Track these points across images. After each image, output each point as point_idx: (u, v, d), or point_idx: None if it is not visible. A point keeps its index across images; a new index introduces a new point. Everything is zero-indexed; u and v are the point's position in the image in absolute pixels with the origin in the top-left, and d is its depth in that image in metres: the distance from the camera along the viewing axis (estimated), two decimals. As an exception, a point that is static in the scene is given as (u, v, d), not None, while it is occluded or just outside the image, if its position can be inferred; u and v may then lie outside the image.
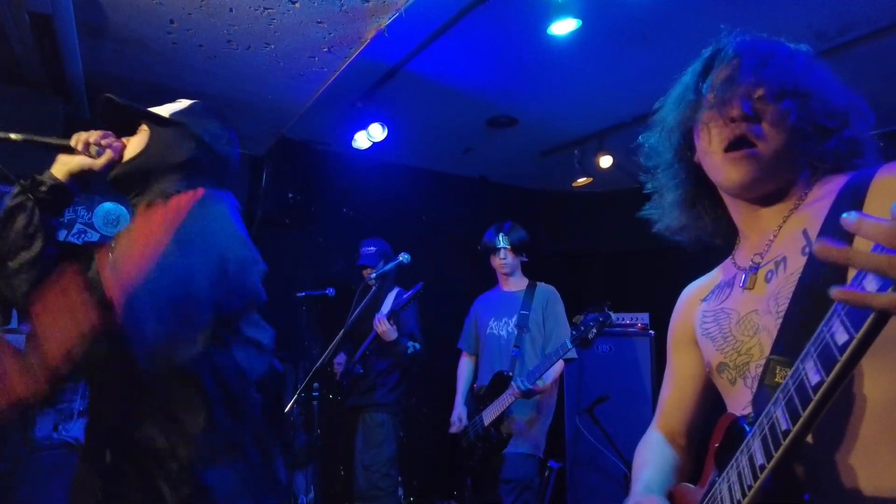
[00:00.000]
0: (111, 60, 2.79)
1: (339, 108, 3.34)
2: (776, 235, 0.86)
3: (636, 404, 3.62)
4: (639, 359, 3.68)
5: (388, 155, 4.16)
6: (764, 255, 0.87)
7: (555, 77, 3.03)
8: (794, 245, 0.81)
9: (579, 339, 2.53)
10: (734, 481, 0.71)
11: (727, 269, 0.97)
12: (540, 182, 4.97)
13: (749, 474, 0.67)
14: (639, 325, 3.74)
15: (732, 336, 0.87)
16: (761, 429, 0.66)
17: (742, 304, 0.88)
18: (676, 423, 1.08)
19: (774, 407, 0.63)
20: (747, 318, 0.86)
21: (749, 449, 0.68)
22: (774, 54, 0.85)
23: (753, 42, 0.89)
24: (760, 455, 0.65)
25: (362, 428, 3.10)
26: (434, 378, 3.77)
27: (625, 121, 3.55)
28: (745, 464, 0.68)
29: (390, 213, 4.33)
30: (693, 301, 1.03)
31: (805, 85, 0.82)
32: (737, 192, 0.88)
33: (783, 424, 0.61)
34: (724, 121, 0.84)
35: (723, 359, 0.88)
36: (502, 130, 3.74)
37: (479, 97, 3.27)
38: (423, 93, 3.20)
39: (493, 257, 3.07)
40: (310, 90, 3.06)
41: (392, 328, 2.95)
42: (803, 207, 0.84)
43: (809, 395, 0.57)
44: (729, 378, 0.87)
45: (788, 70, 0.83)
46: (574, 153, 3.98)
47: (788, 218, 0.85)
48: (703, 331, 0.95)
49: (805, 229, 0.81)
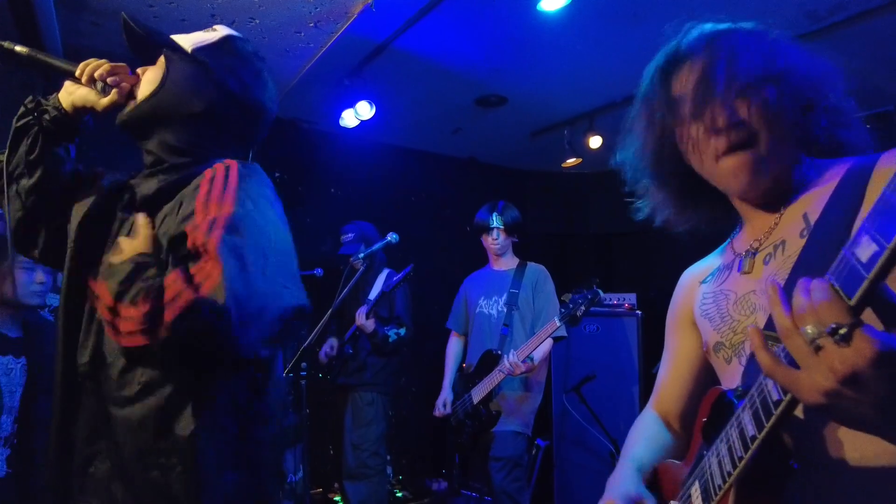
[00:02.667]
0: (90, 33, 2.71)
1: (326, 86, 3.29)
2: (777, 222, 0.86)
3: (623, 383, 3.66)
4: (626, 338, 3.71)
5: (376, 135, 4.11)
6: (763, 241, 0.87)
7: (545, 55, 3.00)
8: (793, 229, 0.82)
9: (568, 317, 2.55)
10: (724, 454, 0.71)
11: (726, 252, 0.98)
12: (529, 163, 4.95)
13: (739, 446, 0.67)
14: (626, 305, 3.76)
15: (730, 316, 0.88)
16: (752, 401, 0.66)
17: (740, 286, 0.88)
18: (672, 404, 1.09)
19: (766, 379, 0.64)
20: (745, 298, 0.86)
21: (739, 421, 0.69)
22: (738, 44, 0.82)
23: (710, 36, 0.86)
24: (751, 427, 0.65)
25: (352, 407, 3.11)
26: (423, 358, 3.79)
27: (615, 100, 3.53)
28: (736, 436, 0.69)
29: (378, 193, 4.29)
30: (693, 283, 1.03)
31: (777, 67, 0.80)
32: (740, 195, 0.88)
33: (774, 395, 0.61)
34: (712, 132, 0.82)
35: (719, 338, 0.89)
36: (492, 110, 3.71)
37: (469, 75, 3.23)
38: (412, 71, 3.16)
39: (485, 237, 3.07)
40: (296, 66, 3.00)
41: (370, 322, 2.95)
42: (805, 193, 0.84)
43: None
44: (725, 357, 0.88)
45: (756, 56, 0.81)
46: (564, 133, 3.96)
47: (790, 204, 0.85)
48: (701, 311, 0.96)
49: (805, 213, 0.81)
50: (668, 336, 1.11)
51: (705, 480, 0.77)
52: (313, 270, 3.34)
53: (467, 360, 3.07)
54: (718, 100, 0.80)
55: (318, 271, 3.35)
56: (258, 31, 2.67)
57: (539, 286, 2.97)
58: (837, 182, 0.78)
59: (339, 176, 4.23)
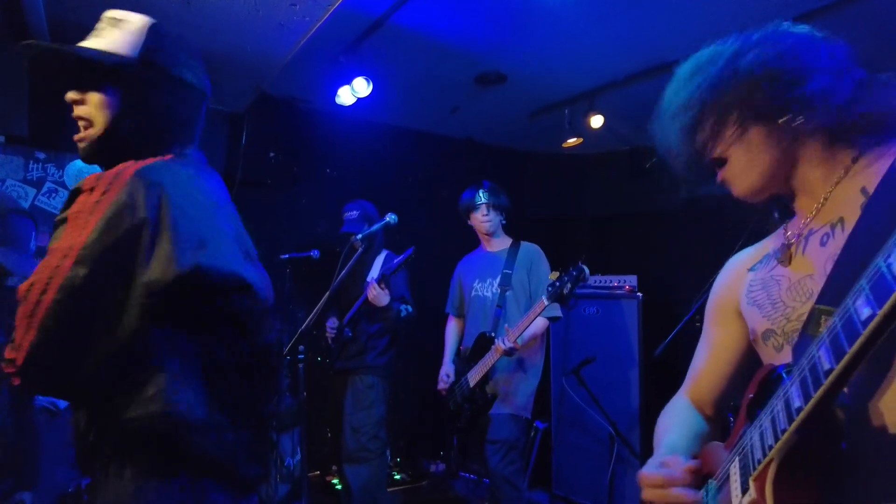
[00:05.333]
0: (76, 6, 2.61)
1: (321, 63, 3.20)
2: (825, 201, 0.83)
3: (622, 366, 3.64)
4: (626, 321, 3.69)
5: (373, 114, 4.03)
6: (811, 224, 0.84)
7: (546, 31, 2.92)
8: (852, 204, 0.77)
9: (555, 295, 2.51)
10: (766, 427, 0.68)
11: (778, 237, 0.94)
12: (528, 144, 4.89)
13: (784, 418, 0.64)
14: (626, 288, 3.73)
15: (782, 302, 0.84)
16: (800, 371, 0.62)
17: (793, 271, 0.84)
18: (706, 392, 1.05)
19: (817, 348, 0.59)
20: (800, 283, 0.82)
21: (785, 394, 0.65)
22: (713, 72, 0.86)
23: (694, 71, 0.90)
24: (798, 398, 0.61)
25: (351, 390, 3.08)
26: (420, 342, 3.76)
27: (617, 79, 3.46)
28: (781, 408, 0.65)
29: (375, 173, 4.23)
30: (740, 271, 0.99)
31: (757, 72, 0.82)
32: (749, 199, 0.90)
33: (826, 364, 0.57)
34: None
35: (770, 325, 0.85)
36: (491, 88, 3.64)
37: (468, 52, 3.15)
38: (410, 47, 3.08)
39: (473, 215, 3.02)
40: (291, 41, 2.91)
41: (384, 292, 2.89)
42: (858, 171, 0.81)
43: (858, 329, 0.53)
44: (775, 345, 0.84)
45: (732, 78, 0.84)
46: (564, 113, 3.89)
47: (840, 183, 0.82)
48: (749, 300, 0.92)
49: (864, 186, 0.77)
50: (707, 323, 1.07)
51: (745, 455, 0.73)
52: (309, 252, 3.29)
53: (464, 344, 3.05)
54: (698, 147, 0.89)
55: (314, 253, 3.31)
56: (252, 4, 2.58)
57: (534, 266, 2.94)
58: (894, 157, 0.75)
59: (334, 156, 4.16)
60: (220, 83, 3.35)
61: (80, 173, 2.97)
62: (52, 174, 2.89)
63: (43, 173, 2.87)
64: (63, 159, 2.92)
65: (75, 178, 2.96)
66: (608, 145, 4.71)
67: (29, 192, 2.83)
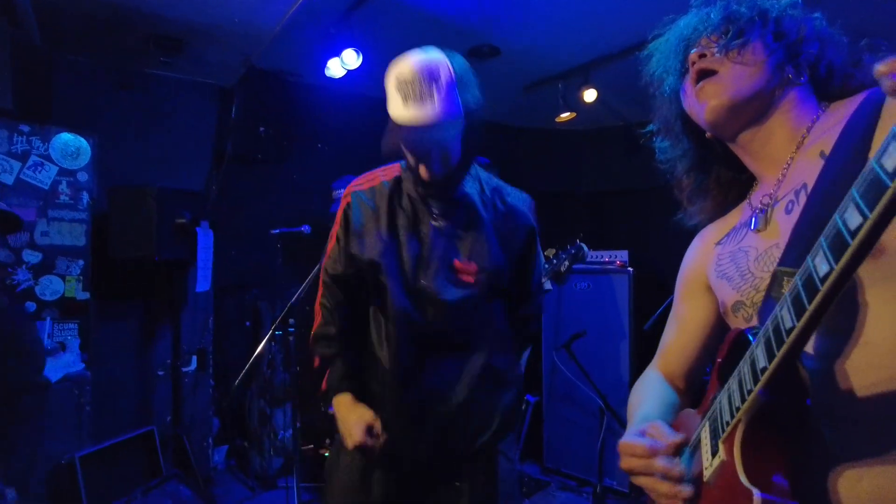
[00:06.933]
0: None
1: (311, 35, 3.14)
2: (787, 169, 0.84)
3: (613, 340, 3.67)
4: (616, 296, 3.71)
5: (364, 88, 3.97)
6: (776, 192, 0.85)
7: (539, 3, 2.87)
8: (814, 170, 0.77)
9: (553, 273, 2.53)
10: (734, 389, 0.69)
11: (744, 210, 0.94)
12: (522, 119, 4.85)
13: (750, 379, 0.64)
14: (618, 263, 3.74)
15: (750, 273, 0.84)
16: (765, 333, 0.63)
17: (760, 242, 0.85)
18: (676, 366, 1.07)
19: (780, 308, 0.60)
20: (767, 252, 0.82)
21: (752, 355, 0.66)
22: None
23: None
24: (763, 358, 0.62)
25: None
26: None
27: (612, 52, 3.42)
28: (747, 370, 0.66)
29: (367, 148, 4.11)
30: (707, 245, 0.99)
31: (751, 11, 0.87)
32: (719, 121, 0.87)
33: (788, 322, 0.58)
34: (691, 71, 0.90)
35: (739, 297, 0.85)
36: (484, 61, 3.59)
37: (460, 24, 3.10)
38: (401, 19, 3.02)
39: None
40: (280, 11, 2.85)
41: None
42: (815, 135, 0.82)
43: (817, 285, 0.53)
44: (745, 316, 0.84)
45: (731, 6, 0.89)
46: (558, 87, 3.86)
47: (800, 148, 0.83)
48: (718, 273, 0.92)
49: (822, 150, 0.78)
50: (677, 299, 1.08)
51: (714, 419, 0.74)
52: (300, 227, 3.28)
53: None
54: (693, 46, 0.91)
55: (305, 228, 3.29)
56: (238, -27, 2.52)
57: None
58: (849, 116, 0.75)
59: (325, 131, 4.11)
60: (209, 56, 3.29)
61: (66, 146, 2.93)
62: (37, 147, 2.84)
63: (28, 146, 2.82)
64: (48, 132, 2.87)
65: (61, 152, 2.91)
66: (602, 121, 4.68)
67: (14, 166, 2.79)
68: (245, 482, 3.63)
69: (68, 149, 2.95)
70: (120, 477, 2.81)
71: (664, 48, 0.99)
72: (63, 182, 2.94)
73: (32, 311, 2.80)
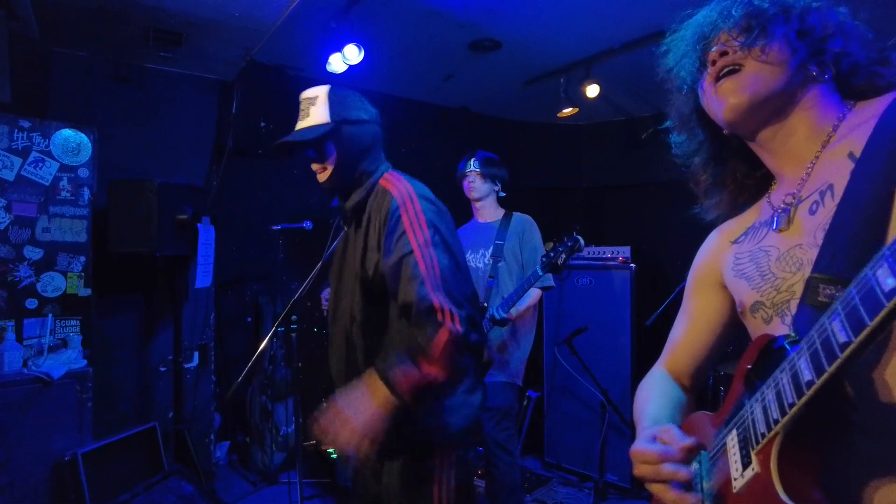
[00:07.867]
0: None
1: (312, 29, 3.12)
2: (812, 168, 0.82)
3: (614, 336, 3.67)
4: (618, 291, 3.70)
5: (365, 82, 3.96)
6: (799, 192, 0.83)
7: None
8: (841, 171, 0.75)
9: (549, 265, 2.54)
10: (770, 400, 0.66)
11: (763, 208, 0.92)
12: (523, 113, 4.83)
13: (791, 391, 0.62)
14: (620, 259, 3.73)
15: (772, 273, 0.82)
16: (810, 344, 0.60)
17: (783, 241, 0.83)
18: (684, 364, 1.06)
19: (829, 320, 0.57)
20: (790, 253, 0.80)
21: (792, 366, 0.63)
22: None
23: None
24: (808, 372, 0.59)
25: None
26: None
27: (613, 47, 3.40)
28: (787, 382, 0.63)
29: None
30: (722, 243, 0.98)
31: (774, 7, 0.85)
32: (738, 119, 0.85)
33: (841, 336, 0.54)
34: (710, 69, 0.89)
35: (758, 297, 0.83)
36: (486, 55, 3.57)
37: (461, 18, 3.08)
38: (402, 12, 3.00)
39: (463, 184, 3.03)
40: (280, 5, 2.83)
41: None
42: (842, 134, 0.80)
43: (881, 301, 0.49)
44: (764, 317, 0.83)
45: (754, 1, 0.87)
46: (560, 81, 3.83)
47: (825, 148, 0.81)
48: (736, 272, 0.90)
49: (850, 151, 0.76)
50: (688, 296, 1.06)
51: (745, 428, 0.72)
52: (302, 223, 3.27)
53: (459, 314, 3.05)
54: (714, 43, 0.88)
55: (306, 224, 3.28)
56: (238, -33, 2.50)
57: (526, 236, 2.94)
58: (879, 116, 0.73)
59: (327, 126, 4.09)
60: (209, 50, 3.27)
61: (66, 142, 2.91)
62: (37, 143, 2.83)
63: (28, 142, 2.81)
64: (49, 128, 2.86)
65: (62, 148, 2.90)
66: (604, 116, 4.66)
67: (15, 162, 2.78)
68: (247, 477, 3.64)
69: (69, 145, 2.93)
70: (122, 473, 2.81)
71: (681, 43, 0.96)
72: (64, 178, 2.93)
73: (34, 308, 2.80)
